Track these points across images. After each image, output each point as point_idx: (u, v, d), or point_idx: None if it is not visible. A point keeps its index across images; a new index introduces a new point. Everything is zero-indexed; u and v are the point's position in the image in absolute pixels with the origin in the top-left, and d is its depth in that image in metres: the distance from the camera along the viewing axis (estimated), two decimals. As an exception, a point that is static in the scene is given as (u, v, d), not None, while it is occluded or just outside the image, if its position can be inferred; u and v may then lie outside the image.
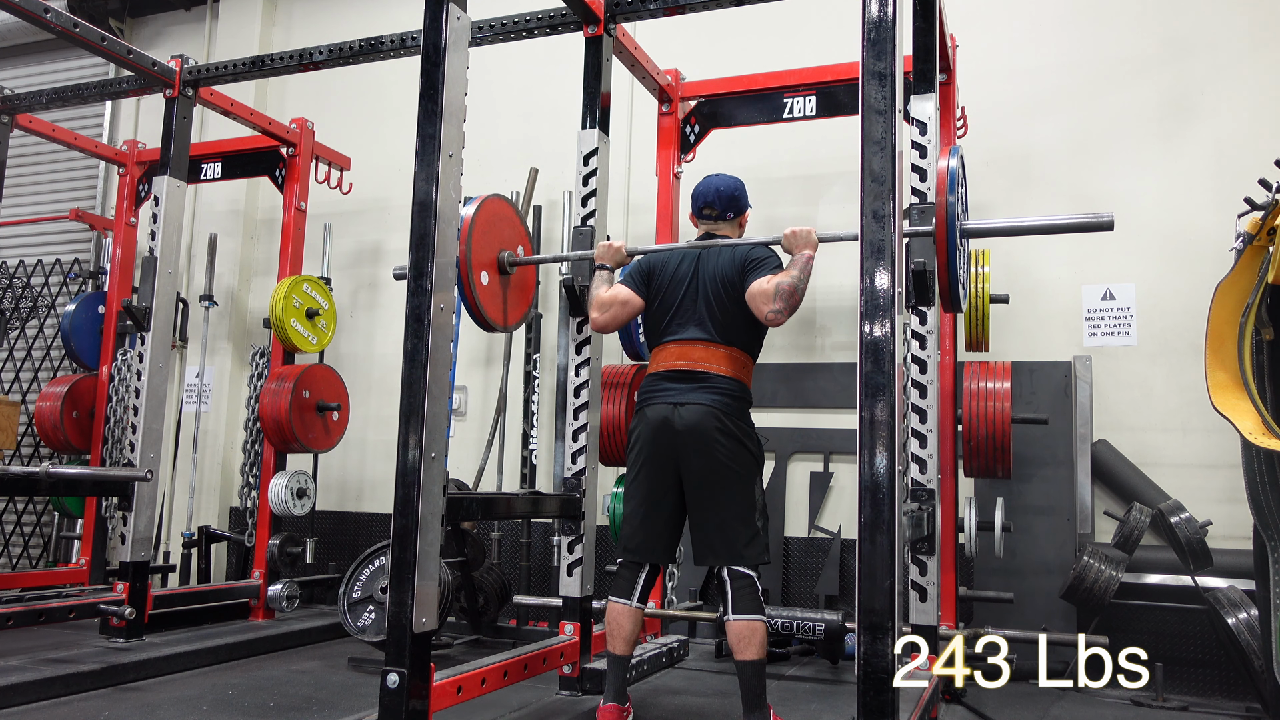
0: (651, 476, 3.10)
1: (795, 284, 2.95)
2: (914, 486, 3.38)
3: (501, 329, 3.65)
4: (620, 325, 3.35)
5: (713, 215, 3.32)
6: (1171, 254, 4.54)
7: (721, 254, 3.19)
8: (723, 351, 3.12)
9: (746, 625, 2.94)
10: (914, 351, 3.45)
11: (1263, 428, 3.15)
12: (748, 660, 2.92)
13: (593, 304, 3.31)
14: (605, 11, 3.81)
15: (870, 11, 2.36)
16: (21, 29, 7.02)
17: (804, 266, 3.00)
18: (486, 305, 3.47)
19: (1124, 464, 4.44)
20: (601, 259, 3.38)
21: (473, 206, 3.41)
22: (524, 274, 3.74)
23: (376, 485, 6.03)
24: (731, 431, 3.03)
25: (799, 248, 3.07)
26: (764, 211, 5.37)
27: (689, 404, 3.04)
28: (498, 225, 3.55)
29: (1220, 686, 4.09)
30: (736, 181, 3.35)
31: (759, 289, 2.98)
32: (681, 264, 3.25)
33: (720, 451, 3.00)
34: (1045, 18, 4.97)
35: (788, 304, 2.93)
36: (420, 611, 2.52)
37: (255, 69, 4.78)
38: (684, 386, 3.08)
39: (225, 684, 3.84)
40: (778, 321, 2.95)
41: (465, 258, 3.30)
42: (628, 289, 3.27)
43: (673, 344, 3.18)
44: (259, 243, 6.61)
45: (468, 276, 3.33)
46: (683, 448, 3.03)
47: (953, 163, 2.89)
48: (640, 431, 3.14)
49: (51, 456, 6.22)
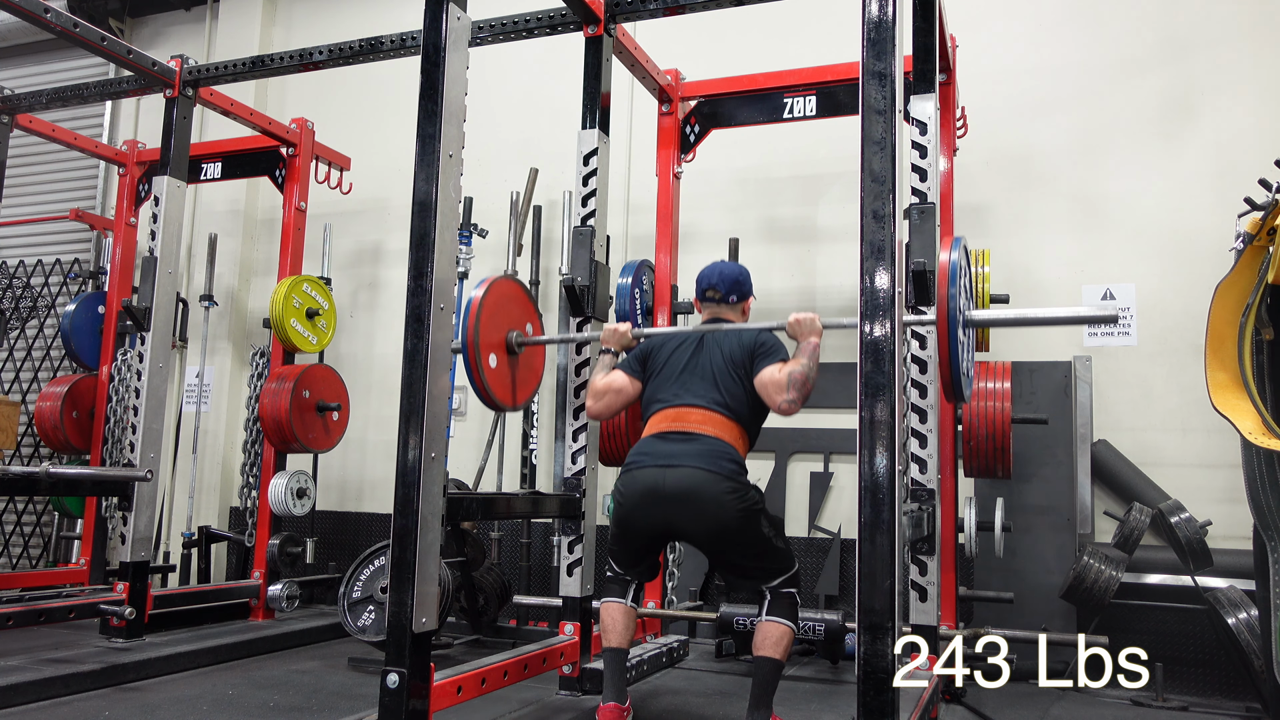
0: (637, 539, 3.07)
1: (807, 373, 2.96)
2: (914, 486, 3.38)
3: (510, 409, 3.61)
4: (615, 413, 3.35)
5: (716, 299, 3.31)
6: (1171, 254, 4.54)
7: (728, 336, 3.19)
8: (720, 418, 3.05)
9: (775, 627, 2.95)
10: (914, 351, 3.45)
11: (1263, 428, 3.15)
12: (768, 657, 2.92)
13: (589, 392, 3.32)
14: (605, 11, 3.81)
15: (870, 11, 2.36)
16: (21, 29, 7.02)
17: (811, 355, 3.00)
18: (494, 388, 3.37)
19: (1124, 464, 4.44)
20: (607, 343, 3.37)
21: (481, 289, 3.33)
22: (533, 355, 3.65)
23: (376, 485, 6.03)
24: (726, 488, 2.89)
25: (804, 335, 3.06)
26: (764, 211, 5.40)
27: (680, 466, 2.92)
28: (506, 306, 3.48)
29: (1220, 686, 4.09)
30: (741, 268, 3.38)
31: (770, 378, 2.99)
32: (684, 344, 3.24)
33: (719, 514, 2.88)
34: (1045, 18, 4.97)
35: (800, 393, 2.94)
36: (420, 611, 2.52)
37: (255, 69, 4.78)
38: (676, 447, 2.98)
39: (225, 684, 3.84)
40: (791, 411, 2.96)
41: (473, 341, 3.24)
42: (624, 375, 3.27)
43: (668, 409, 3.11)
44: (259, 243, 6.61)
45: (475, 360, 3.26)
46: (675, 516, 2.93)
47: (954, 255, 2.87)
48: (626, 495, 3.01)
49: (51, 456, 6.22)
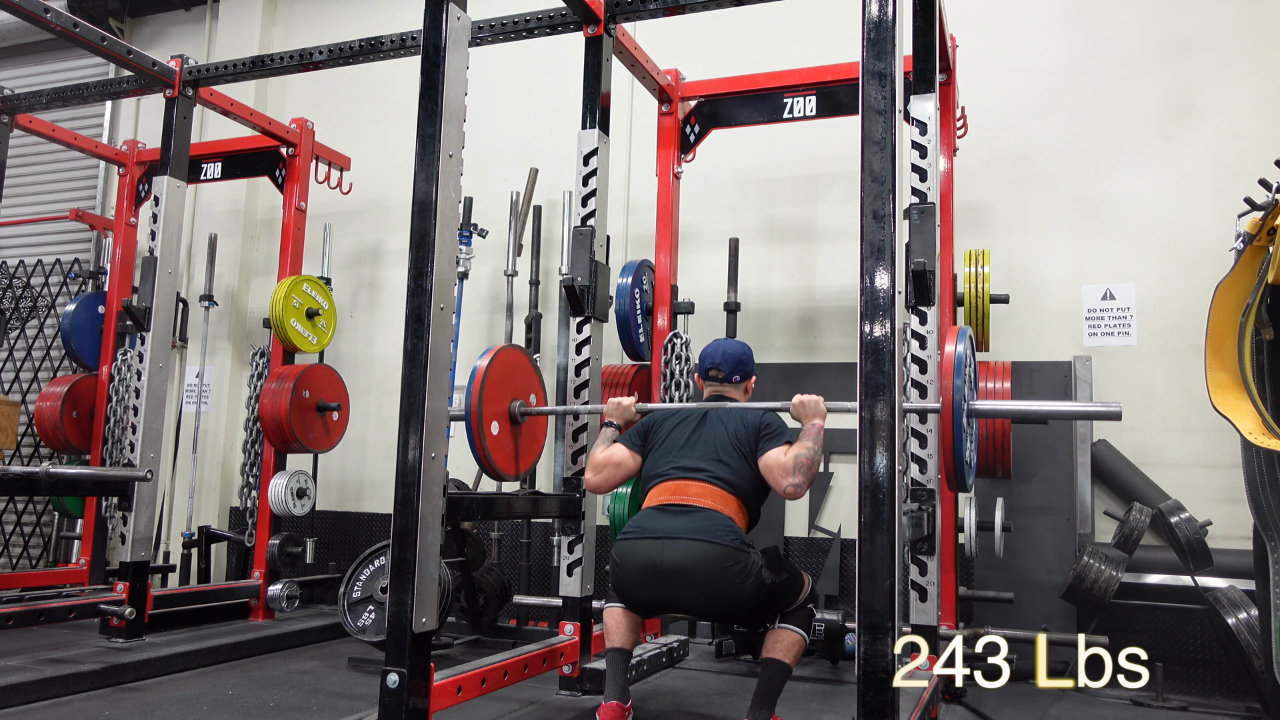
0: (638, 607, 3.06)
1: (812, 457, 2.95)
2: (914, 486, 3.38)
3: (511, 479, 3.60)
4: (613, 487, 3.35)
5: (719, 377, 3.33)
6: (1171, 254, 4.54)
7: (731, 415, 3.18)
8: (721, 492, 3.01)
9: (790, 634, 2.96)
10: (914, 351, 3.45)
11: (1263, 428, 3.15)
12: (777, 659, 2.92)
13: (589, 464, 3.32)
14: (605, 11, 3.81)
15: (870, 11, 2.36)
16: (21, 29, 7.02)
17: (816, 438, 3.00)
18: (496, 456, 3.35)
19: (1124, 464, 4.44)
20: (609, 416, 3.36)
21: (486, 358, 3.33)
22: (535, 424, 3.64)
23: (376, 485, 6.03)
24: (727, 562, 2.83)
25: (808, 418, 3.05)
26: (764, 211, 5.39)
27: (679, 539, 2.86)
28: (511, 375, 3.47)
29: (1220, 686, 4.09)
30: (744, 346, 3.39)
31: (776, 461, 2.97)
32: (686, 420, 3.24)
33: (721, 590, 2.84)
34: (1045, 18, 4.97)
35: (806, 477, 2.93)
36: (420, 611, 2.52)
37: (255, 69, 4.78)
38: (675, 521, 2.92)
39: (225, 684, 3.84)
40: (797, 495, 2.95)
41: (476, 409, 3.24)
42: (624, 449, 3.26)
43: (668, 481, 3.08)
44: (259, 243, 6.61)
45: (478, 428, 3.25)
46: (675, 591, 2.88)
47: (960, 347, 2.87)
48: (623, 567, 2.96)
49: (51, 456, 6.22)
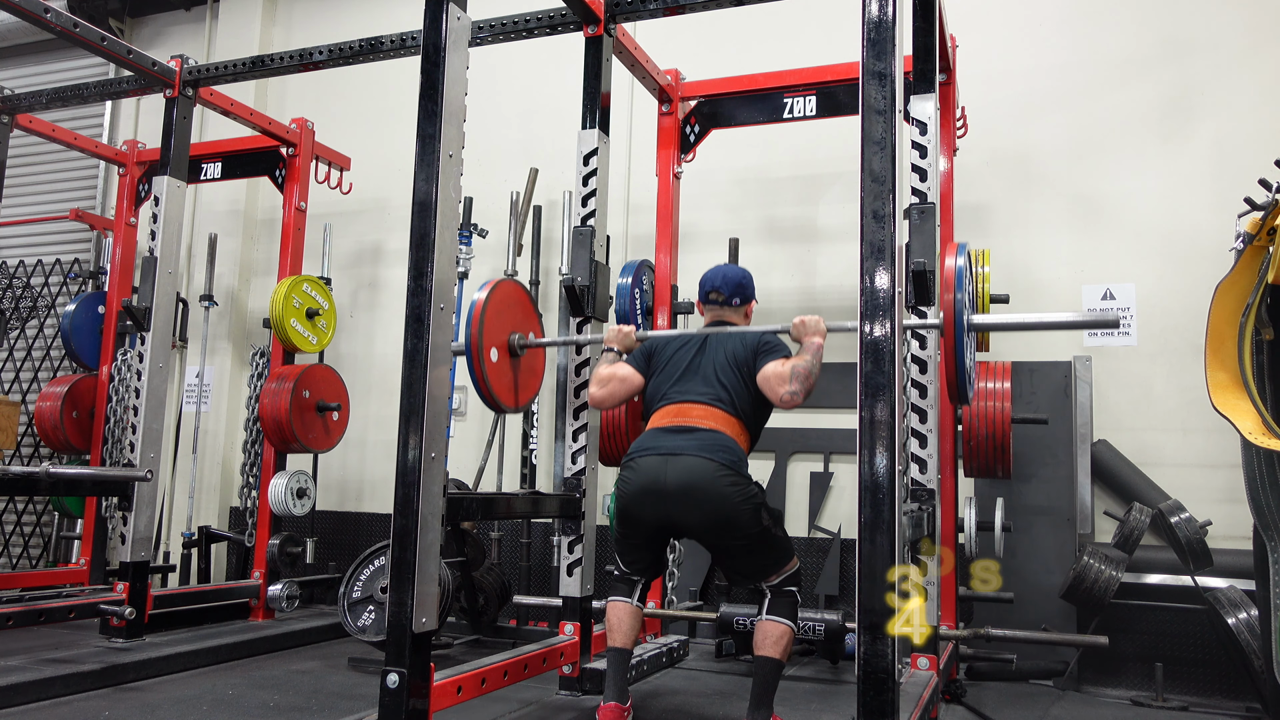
0: (638, 529, 3.08)
1: (810, 369, 2.97)
2: (914, 486, 3.38)
3: (511, 411, 3.60)
4: (618, 402, 3.35)
5: (719, 300, 3.34)
6: (1171, 254, 4.54)
7: (731, 338, 3.21)
8: (723, 414, 3.08)
9: (775, 626, 2.96)
10: (914, 351, 3.45)
11: (1263, 428, 3.15)
12: (768, 657, 2.93)
13: (593, 379, 3.33)
14: (605, 11, 3.81)
15: (870, 11, 2.36)
16: (21, 29, 7.02)
17: (815, 354, 3.02)
18: (497, 388, 3.38)
19: (1124, 464, 4.44)
20: (610, 343, 3.39)
21: (485, 291, 3.37)
22: (534, 357, 3.67)
23: (376, 485, 6.03)
24: (727, 479, 2.93)
25: (808, 335, 3.08)
26: (764, 211, 5.39)
27: (682, 455, 2.95)
28: (509, 308, 3.50)
29: (1220, 686, 4.09)
30: (744, 271, 3.41)
31: (774, 371, 3.01)
32: (688, 344, 3.27)
33: (719, 505, 2.91)
34: (1045, 18, 4.97)
35: (803, 386, 2.95)
36: (420, 611, 2.52)
37: (255, 69, 4.78)
38: (678, 440, 3.00)
39: (225, 684, 3.84)
40: (793, 403, 2.97)
41: (477, 341, 3.27)
42: (629, 366, 3.29)
43: (670, 405, 3.14)
44: (259, 243, 6.61)
45: (478, 360, 3.28)
46: (676, 508, 2.95)
47: (959, 260, 2.90)
48: (628, 484, 3.04)
49: (51, 456, 6.23)
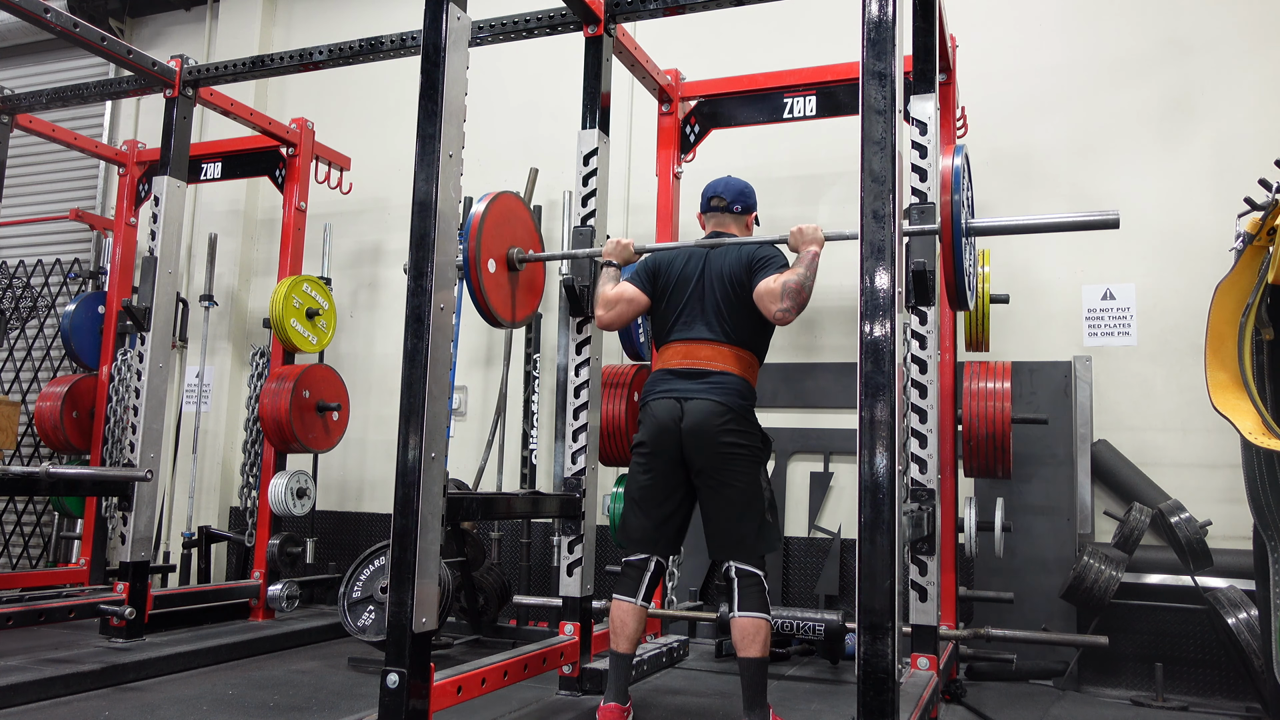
0: (657, 470, 3.13)
1: (802, 282, 2.96)
2: (914, 486, 3.38)
3: (507, 324, 3.60)
4: (626, 323, 3.37)
5: (721, 206, 3.34)
6: (1171, 254, 4.54)
7: (729, 253, 3.21)
8: (729, 350, 3.14)
9: (751, 622, 2.95)
10: (914, 351, 3.45)
11: (1263, 428, 3.15)
12: (750, 658, 2.92)
13: (598, 301, 3.33)
14: (605, 11, 3.81)
15: (870, 11, 2.36)
16: (21, 29, 7.02)
17: (810, 264, 3.01)
18: (492, 295, 3.41)
19: (1124, 464, 4.44)
20: (609, 256, 3.39)
21: (485, 201, 3.42)
22: (533, 273, 3.71)
23: (376, 485, 6.03)
24: (736, 428, 3.05)
25: (805, 244, 3.07)
26: (764, 211, 5.34)
27: (694, 398, 3.06)
28: (510, 222, 3.54)
29: (1220, 686, 4.09)
30: (746, 182, 3.43)
31: (766, 288, 3.00)
32: (689, 263, 3.26)
33: (725, 447, 3.03)
34: (1045, 18, 4.97)
35: (795, 302, 2.94)
36: (420, 611, 2.52)
37: (255, 69, 4.78)
38: (689, 384, 3.10)
39: (225, 684, 3.84)
40: (786, 320, 2.97)
41: (475, 249, 3.30)
42: (634, 287, 3.29)
43: (679, 343, 3.21)
44: (259, 243, 6.61)
45: (476, 266, 3.31)
46: (688, 444, 3.06)
47: (957, 161, 2.90)
48: (646, 426, 3.16)
49: (51, 456, 6.23)
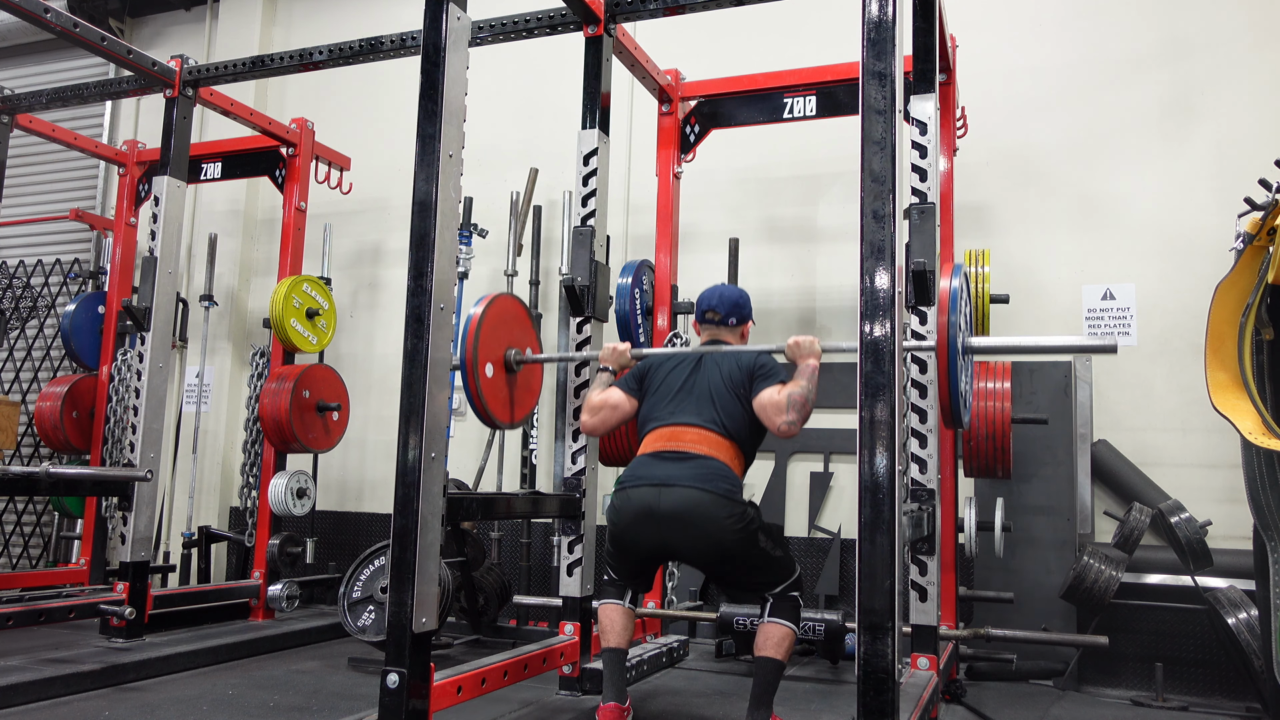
0: (632, 556, 3.05)
1: (806, 395, 2.95)
2: (914, 486, 3.38)
3: (505, 426, 3.57)
4: (609, 429, 3.32)
5: (715, 320, 3.33)
6: (1171, 254, 4.54)
7: (726, 358, 3.18)
8: (717, 437, 3.02)
9: (778, 628, 2.94)
10: (914, 351, 3.45)
11: (1263, 428, 3.15)
12: (769, 657, 2.92)
13: (585, 406, 3.32)
14: (605, 11, 3.81)
15: (870, 11, 2.36)
16: (21, 29, 7.02)
17: (811, 377, 3.00)
18: (490, 399, 3.33)
19: (1124, 464, 4.44)
20: (605, 361, 3.37)
21: (481, 305, 3.35)
22: (530, 374, 3.64)
23: (376, 485, 6.03)
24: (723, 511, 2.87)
25: (803, 358, 3.06)
26: (764, 211, 5.39)
27: (675, 485, 2.89)
28: (507, 323, 3.48)
29: (1220, 686, 4.09)
30: (741, 291, 3.40)
31: (770, 399, 2.98)
32: (682, 364, 3.24)
33: (717, 536, 2.87)
34: (1046, 17, 4.97)
35: (800, 415, 2.93)
36: (420, 611, 2.52)
37: (255, 69, 4.78)
38: (671, 468, 2.94)
39: (225, 684, 3.84)
40: (790, 433, 2.95)
41: (472, 357, 3.25)
42: (620, 392, 3.27)
43: (663, 427, 3.09)
44: (259, 243, 6.61)
45: (473, 370, 3.25)
46: (671, 537, 2.91)
47: (955, 282, 2.88)
48: (620, 513, 2.99)
49: (51, 456, 6.23)
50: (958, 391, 2.91)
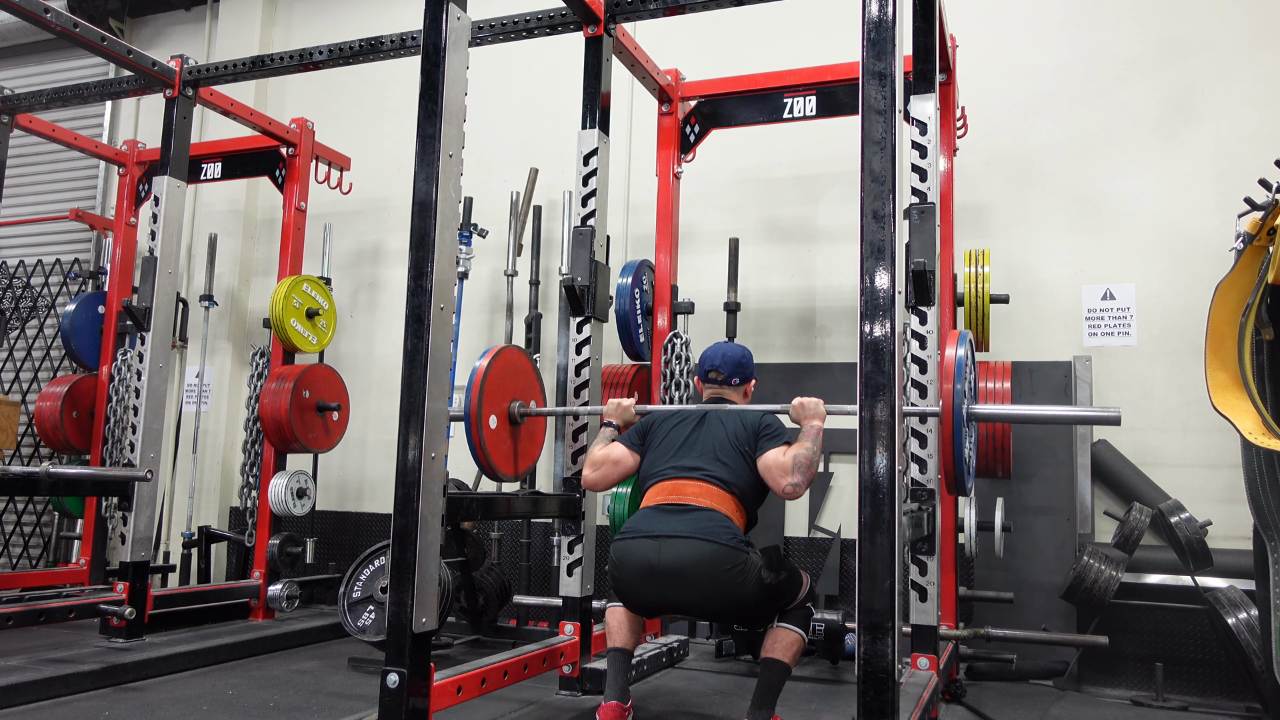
0: (635, 606, 3.04)
1: (811, 457, 2.96)
2: (914, 486, 3.38)
3: (508, 478, 3.57)
4: (611, 485, 3.33)
5: (718, 380, 3.34)
6: (1171, 254, 4.54)
7: (730, 416, 3.19)
8: (719, 491, 3.01)
9: (789, 633, 2.96)
10: (914, 351, 3.45)
11: (1263, 428, 3.15)
12: (776, 659, 2.92)
13: (587, 461, 3.33)
14: (605, 11, 3.81)
15: (870, 11, 2.36)
16: (21, 29, 7.02)
17: (815, 439, 3.01)
18: (495, 455, 3.33)
19: (1124, 464, 4.44)
20: (609, 416, 3.38)
21: (486, 359, 3.34)
22: (534, 426, 3.63)
23: (376, 485, 6.03)
24: (726, 563, 2.82)
25: (808, 419, 3.06)
26: (764, 211, 5.39)
27: (676, 537, 2.86)
28: (512, 376, 3.47)
29: (1220, 686, 4.09)
30: (744, 350, 3.40)
31: (775, 461, 2.98)
32: (685, 420, 3.25)
33: (720, 590, 2.83)
34: (1045, 18, 4.97)
35: (805, 477, 2.94)
36: (420, 611, 2.52)
37: (255, 69, 4.78)
38: (672, 521, 2.92)
39: (225, 684, 3.84)
40: (796, 495, 2.95)
41: (476, 405, 3.24)
42: (623, 448, 3.28)
43: (665, 481, 3.08)
44: (259, 243, 6.61)
45: (477, 423, 3.24)
46: (673, 591, 2.87)
47: (960, 351, 2.88)
48: (620, 567, 2.95)
49: (51, 456, 6.23)
50: (962, 459, 2.90)
